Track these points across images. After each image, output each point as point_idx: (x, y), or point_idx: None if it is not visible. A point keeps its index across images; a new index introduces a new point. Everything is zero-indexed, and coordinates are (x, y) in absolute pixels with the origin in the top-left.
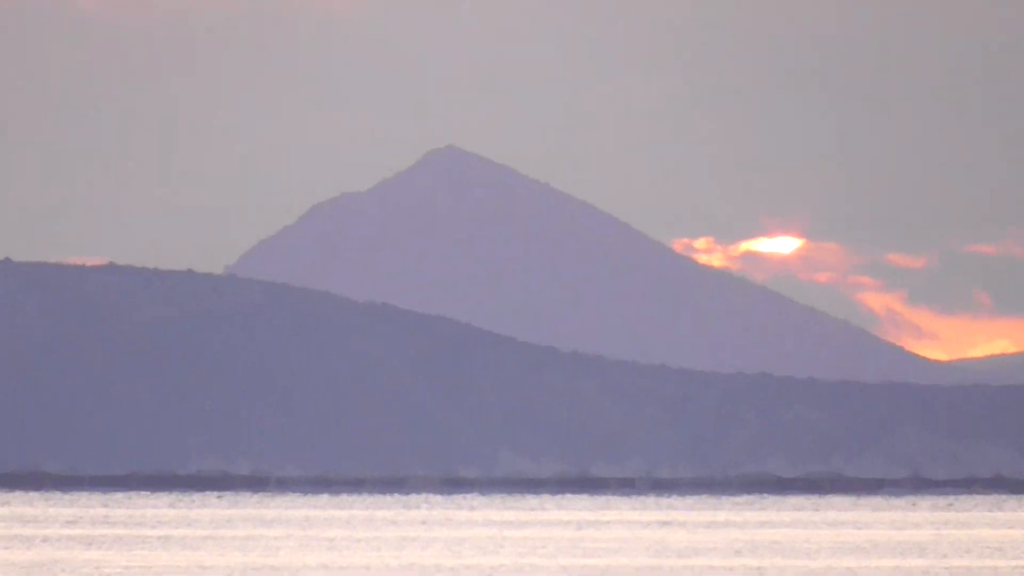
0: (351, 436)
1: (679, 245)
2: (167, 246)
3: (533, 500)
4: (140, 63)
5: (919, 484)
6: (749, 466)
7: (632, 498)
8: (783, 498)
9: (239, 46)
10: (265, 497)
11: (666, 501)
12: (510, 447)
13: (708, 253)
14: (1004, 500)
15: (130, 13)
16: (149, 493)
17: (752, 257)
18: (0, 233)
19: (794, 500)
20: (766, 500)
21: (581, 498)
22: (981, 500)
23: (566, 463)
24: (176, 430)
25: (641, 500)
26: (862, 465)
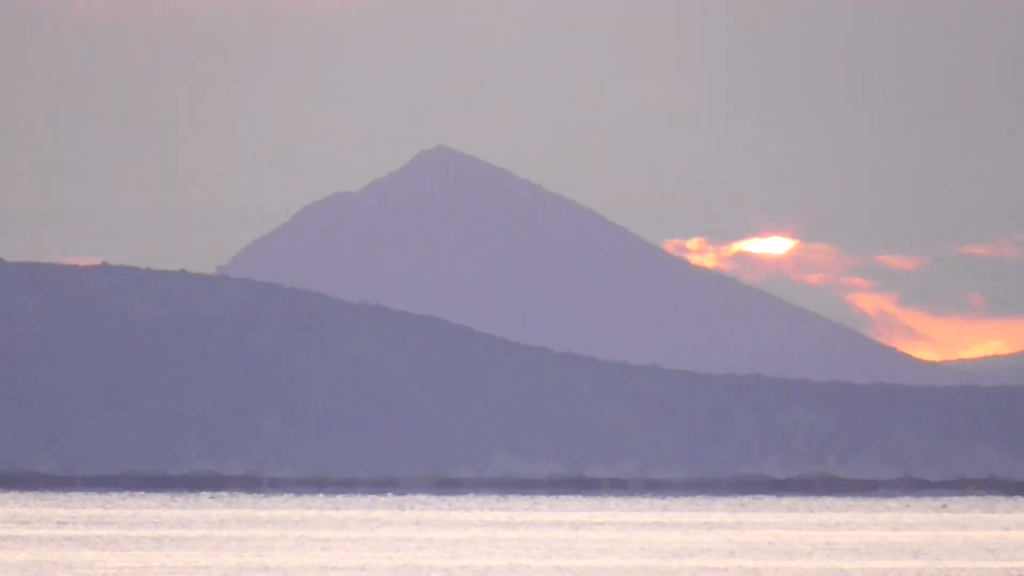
0: (344, 437)
1: (671, 246)
2: (160, 246)
3: (527, 501)
4: (134, 65)
5: (912, 485)
6: (743, 467)
7: (626, 499)
8: (777, 499)
9: (232, 49)
10: (258, 497)
11: (660, 502)
12: (504, 448)
13: (700, 254)
14: (997, 501)
15: (125, 15)
16: (143, 493)
17: (744, 258)
18: None
19: (788, 501)
20: (760, 501)
21: (575, 499)
22: (974, 501)
23: (560, 464)
24: (169, 431)
25: (635, 501)
26: (855, 466)
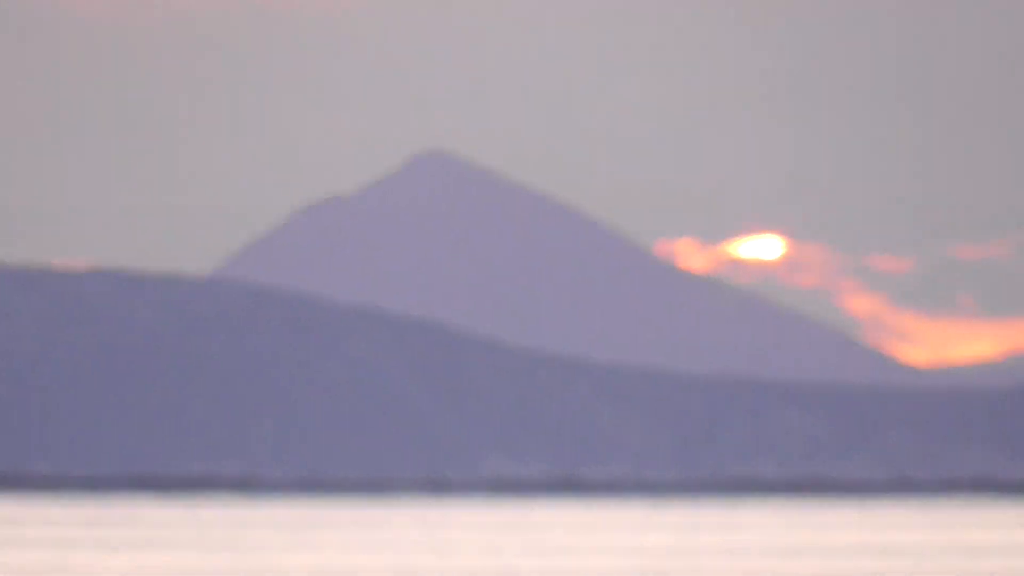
0: (338, 438)
1: (661, 247)
2: (156, 248)
3: (520, 503)
4: (134, 65)
5: (904, 486)
6: (735, 468)
7: (619, 500)
8: (769, 500)
9: (228, 50)
10: (255, 499)
11: (653, 503)
12: (496, 449)
13: (690, 255)
14: (989, 503)
15: (125, 15)
16: (136, 494)
17: (735, 259)
18: None
19: (780, 502)
20: (752, 502)
21: (568, 500)
22: (966, 502)
23: (553, 465)
24: (163, 431)
25: (628, 502)
26: (847, 467)
